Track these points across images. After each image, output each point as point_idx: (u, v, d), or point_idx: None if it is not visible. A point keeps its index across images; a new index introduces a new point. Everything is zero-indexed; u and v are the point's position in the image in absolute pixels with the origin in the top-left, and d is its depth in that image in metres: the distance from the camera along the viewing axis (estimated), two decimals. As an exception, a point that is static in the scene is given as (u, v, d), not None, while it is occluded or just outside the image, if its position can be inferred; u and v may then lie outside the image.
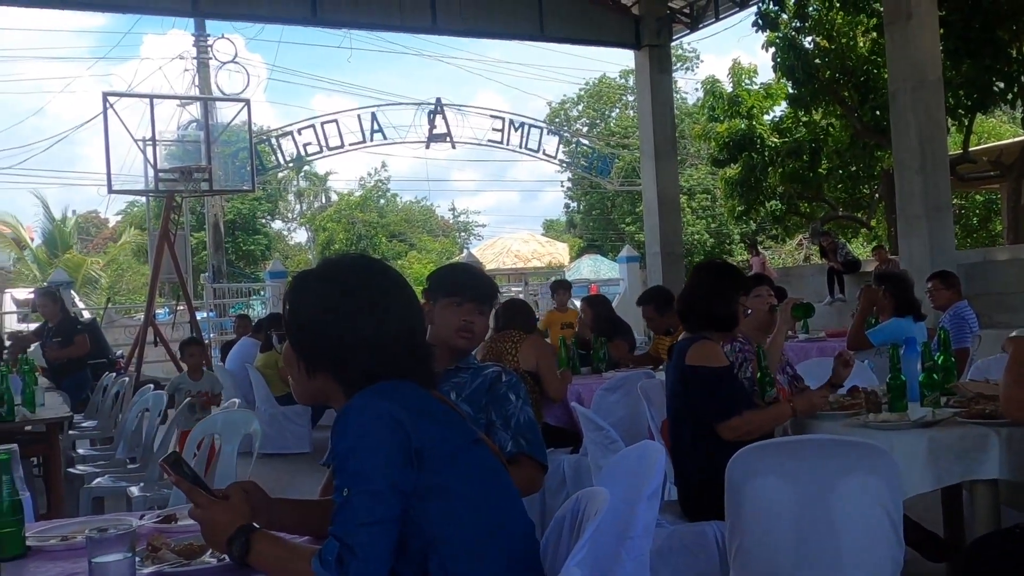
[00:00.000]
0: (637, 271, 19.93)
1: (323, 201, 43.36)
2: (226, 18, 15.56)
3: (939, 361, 3.80)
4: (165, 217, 13.85)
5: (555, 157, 21.14)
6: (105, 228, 39.29)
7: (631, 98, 36.65)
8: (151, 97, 13.96)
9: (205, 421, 4.40)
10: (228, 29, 37.82)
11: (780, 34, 17.05)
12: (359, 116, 19.10)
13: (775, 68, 17.82)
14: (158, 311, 16.55)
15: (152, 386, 6.41)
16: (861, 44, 17.50)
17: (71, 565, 2.01)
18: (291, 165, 22.19)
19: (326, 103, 63.09)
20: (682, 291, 3.76)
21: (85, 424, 7.24)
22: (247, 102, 14.78)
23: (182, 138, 14.39)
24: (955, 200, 19.41)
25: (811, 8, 17.30)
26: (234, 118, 14.66)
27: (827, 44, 17.51)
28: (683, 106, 34.04)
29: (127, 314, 20.77)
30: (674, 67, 19.49)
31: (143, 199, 22.29)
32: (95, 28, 61.51)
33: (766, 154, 20.00)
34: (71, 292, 16.17)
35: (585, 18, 15.07)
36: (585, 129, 38.76)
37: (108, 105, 13.02)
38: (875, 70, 16.99)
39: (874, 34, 16.39)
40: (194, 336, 10.56)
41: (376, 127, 19.05)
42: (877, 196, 22.22)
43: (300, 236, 44.66)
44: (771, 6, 14.70)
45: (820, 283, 15.44)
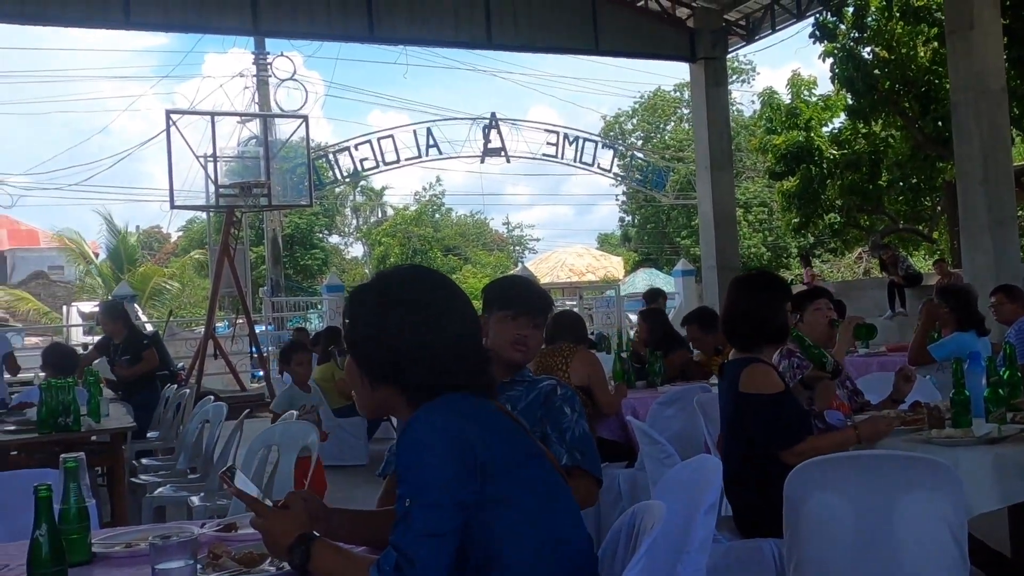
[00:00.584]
0: (693, 285, 19.78)
1: (379, 216, 43.76)
2: (285, 36, 15.82)
3: (1005, 376, 3.71)
4: (225, 232, 14.12)
5: (610, 171, 21.11)
6: (167, 243, 40.08)
7: (686, 111, 36.47)
8: (212, 114, 14.26)
9: (264, 432, 4.46)
10: (287, 47, 38.48)
11: (838, 45, 16.85)
12: (415, 131, 19.29)
13: (833, 79, 17.60)
14: (218, 324, 16.82)
15: (212, 397, 6.51)
16: (922, 54, 17.22)
17: (134, 571, 2.05)
18: (348, 180, 22.46)
19: (382, 119, 63.76)
20: (723, 310, 3.56)
21: (148, 435, 7.38)
22: (305, 118, 15.03)
23: (242, 154, 14.68)
24: (1020, 212, 18.95)
25: (870, 18, 17.08)
26: (292, 134, 14.92)
27: (887, 54, 17.26)
28: (739, 119, 33.79)
29: (188, 327, 21.14)
30: (730, 79, 19.33)
31: (204, 214, 22.75)
32: (158, 47, 63.05)
33: (824, 166, 19.74)
34: (134, 306, 16.51)
35: (640, 31, 15.05)
36: (640, 142, 38.63)
37: (171, 122, 13.34)
38: (936, 80, 16.70)
39: (935, 44, 16.12)
40: (298, 339, 9.68)
41: (431, 142, 19.22)
42: (939, 208, 21.78)
43: (356, 250, 45.16)
44: (829, 17, 14.54)
45: (880, 297, 15.17)
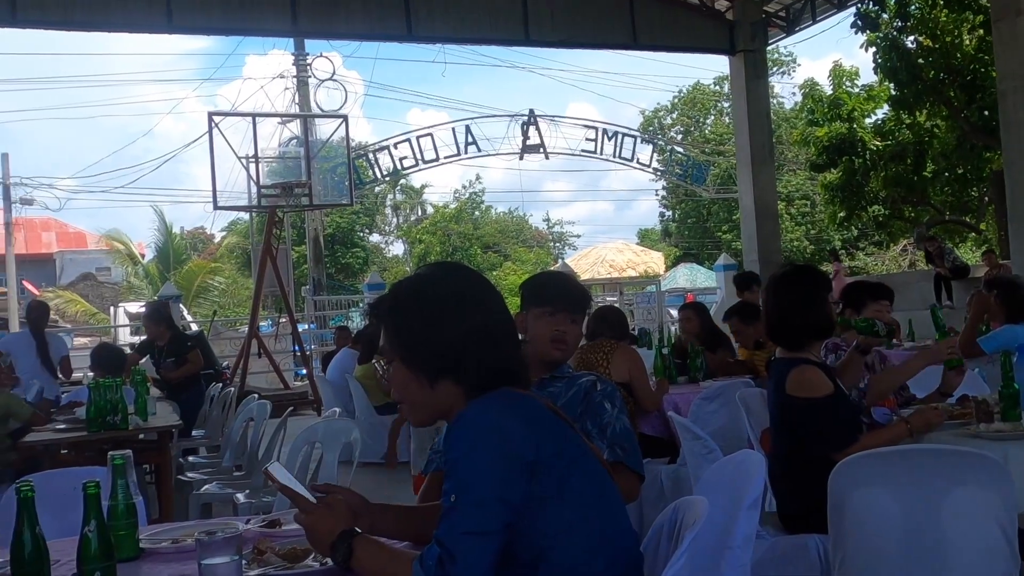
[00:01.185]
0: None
1: (419, 214, 43.97)
2: (325, 37, 15.95)
3: (1055, 369, 3.64)
4: (268, 232, 14.25)
5: (649, 166, 21.01)
6: (211, 243, 40.59)
7: (726, 104, 36.17)
8: (254, 116, 14.39)
9: (307, 430, 4.50)
10: (326, 48, 38.85)
11: (881, 34, 16.60)
12: (453, 129, 19.34)
13: (876, 70, 17.36)
14: (261, 323, 17.00)
15: (256, 396, 6.58)
16: (967, 42, 16.92)
17: (181, 567, 2.08)
18: (388, 179, 22.60)
19: (421, 117, 64.10)
20: (765, 311, 3.48)
21: (193, 433, 7.48)
22: (345, 118, 15.12)
23: (283, 155, 14.81)
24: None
25: (913, 7, 16.82)
26: (332, 134, 15.01)
27: (931, 43, 16.98)
28: (780, 111, 33.48)
29: (232, 327, 21.41)
30: (770, 71, 19.13)
31: (246, 215, 23.01)
32: (200, 51, 63.87)
33: (868, 158, 19.48)
34: (179, 306, 16.74)
35: (678, 25, 14.93)
36: (679, 137, 38.40)
37: (213, 124, 13.48)
38: (982, 68, 16.40)
39: (980, 31, 15.83)
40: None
41: (470, 139, 19.26)
42: (986, 199, 21.40)
43: (397, 249, 45.42)
44: (871, 6, 14.33)
45: (926, 290, 14.94)
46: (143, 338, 9.02)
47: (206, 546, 1.80)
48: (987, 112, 15.93)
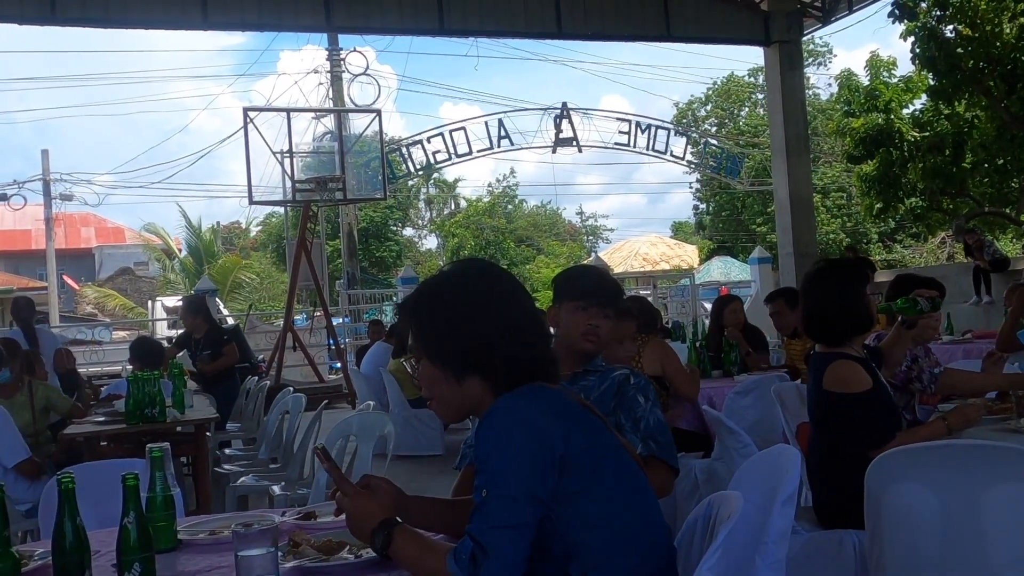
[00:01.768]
0: (769, 273, 19.46)
1: (452, 208, 44.03)
2: (358, 32, 15.99)
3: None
4: (302, 226, 14.36)
5: (683, 158, 20.86)
6: (247, 238, 40.94)
7: (761, 96, 35.85)
8: (288, 111, 14.50)
9: (341, 423, 4.53)
10: (359, 42, 38.86)
11: (919, 24, 16.35)
12: (486, 123, 19.33)
13: (914, 59, 17.11)
14: (296, 317, 17.13)
15: (291, 389, 6.64)
16: (1008, 31, 16.61)
17: (218, 558, 2.11)
18: (421, 173, 22.62)
19: (454, 111, 64.21)
20: (802, 308, 3.42)
21: (229, 426, 7.56)
22: (378, 113, 15.18)
23: (317, 149, 14.90)
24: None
25: (952, -5, 16.54)
26: (366, 129, 15.08)
27: (970, 32, 16.69)
28: (815, 102, 33.09)
29: (267, 320, 21.58)
30: (805, 62, 18.92)
31: (281, 209, 23.17)
32: (235, 47, 64.35)
33: (905, 149, 19.21)
34: (216, 300, 16.92)
35: (712, 16, 14.81)
36: (714, 129, 38.12)
37: (248, 120, 13.60)
38: (1023, 57, 16.11)
39: (1021, 20, 15.55)
40: None
41: (503, 133, 19.23)
42: (1028, 190, 21.04)
43: (430, 243, 45.51)
44: (908, -5, 14.13)
45: (965, 283, 14.72)
46: (182, 331, 9.16)
47: (242, 538, 1.82)
48: (1028, 102, 15.66)
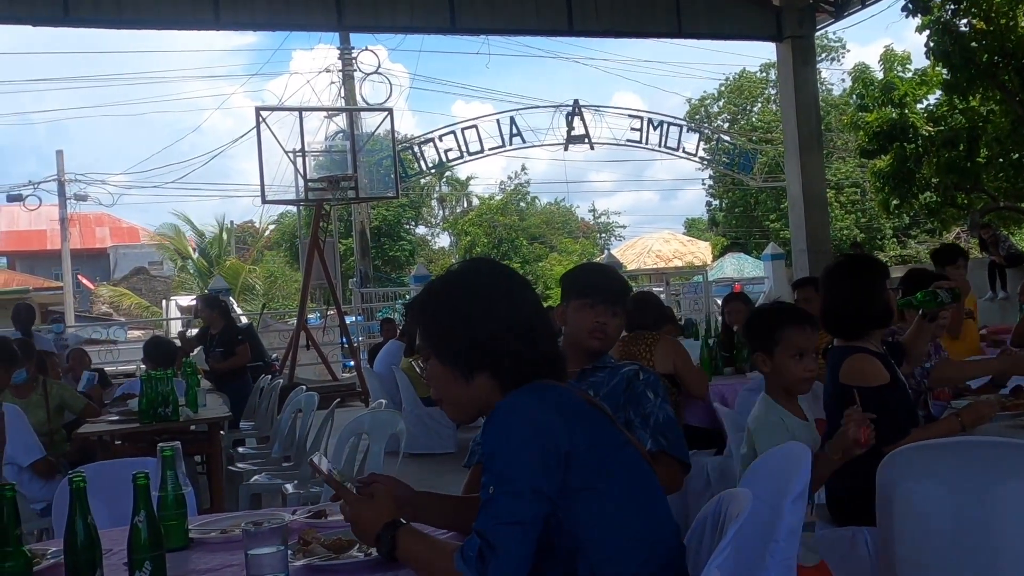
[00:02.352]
0: (783, 269, 19.40)
1: (465, 206, 44.05)
2: (369, 30, 16.00)
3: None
4: (315, 225, 14.40)
5: (695, 155, 20.82)
6: (260, 238, 41.09)
7: (773, 91, 35.72)
8: (300, 110, 14.54)
9: (354, 421, 4.54)
10: (371, 41, 38.94)
11: (933, 17, 16.26)
12: (498, 121, 19.32)
13: (928, 54, 17.01)
14: (310, 316, 17.18)
15: (304, 387, 6.66)
16: (1022, 24, 16.50)
17: (229, 556, 2.12)
18: (433, 171, 22.66)
19: (465, 109, 64.33)
20: (821, 302, 3.42)
21: (242, 425, 7.59)
22: (390, 111, 15.21)
23: (330, 148, 14.93)
24: None
25: (966, -12, 16.44)
26: (378, 127, 15.10)
27: (984, 26, 16.58)
28: (828, 98, 32.96)
29: (281, 319, 21.65)
30: (818, 58, 18.84)
31: (294, 208, 23.23)
32: (247, 47, 64.58)
33: (920, 144, 19.12)
34: (230, 299, 17.00)
35: (723, 12, 14.75)
36: (726, 125, 37.99)
37: (261, 119, 13.64)
38: (1038, 52, 16.00)
39: (1037, 13, 15.44)
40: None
41: (515, 131, 19.22)
42: (1043, 185, 20.89)
43: (443, 241, 45.57)
44: (922, -11, 14.04)
45: (980, 278, 14.64)
46: (201, 328, 9.31)
47: (252, 536, 1.83)
48: (1043, 96, 15.56)
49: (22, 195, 27.95)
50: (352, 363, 15.56)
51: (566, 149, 19.73)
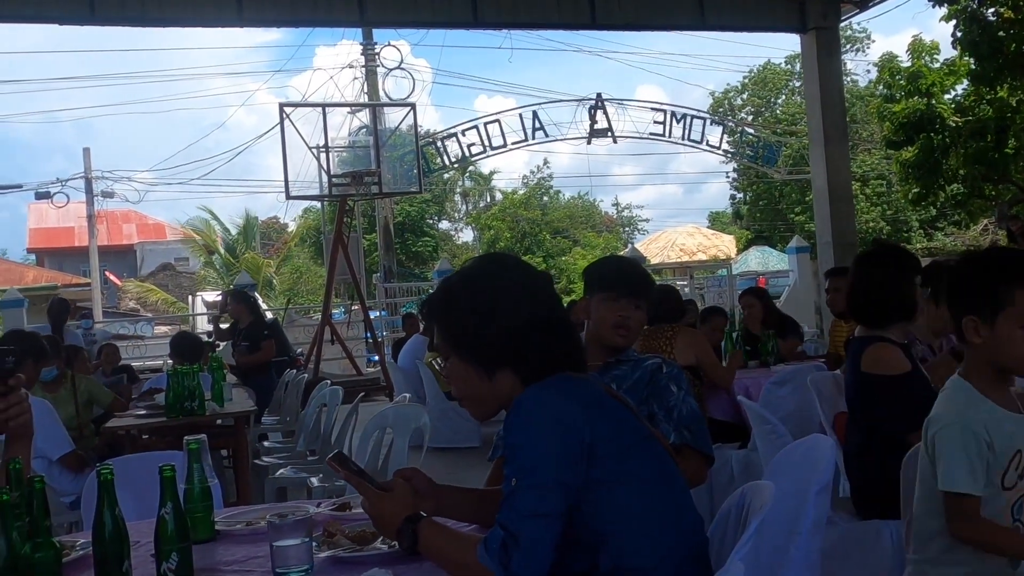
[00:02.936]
0: (808, 262, 19.27)
1: (488, 200, 44.05)
2: (391, 25, 16.06)
3: None
4: (339, 221, 14.45)
5: (719, 147, 20.70)
6: (285, 233, 41.29)
7: (798, 83, 35.46)
8: (324, 106, 14.59)
9: (377, 415, 4.57)
10: (394, 36, 38.98)
11: (959, 7, 16.07)
12: (520, 115, 19.29)
13: (955, 44, 16.82)
14: (334, 311, 17.25)
15: (328, 382, 6.70)
16: (1052, 13, 16.28)
17: (255, 548, 2.13)
18: (456, 166, 22.67)
19: (488, 104, 64.46)
20: (848, 287, 3.41)
21: (266, 420, 7.64)
22: (413, 106, 15.22)
23: (353, 144, 14.97)
24: None
25: (993, -23, 16.24)
26: (401, 122, 15.11)
27: (1012, 15, 16.38)
28: (853, 89, 32.69)
29: (306, 314, 21.76)
30: (843, 49, 18.67)
31: (318, 204, 23.33)
32: (270, 43, 64.84)
33: (947, 135, 18.92)
34: (255, 294, 17.10)
35: (746, 4, 14.63)
36: (750, 117, 37.76)
37: (284, 115, 13.69)
38: (1067, 41, 15.78)
39: (1066, 2, 15.22)
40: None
41: (537, 125, 19.18)
42: (1074, 175, 20.61)
43: (466, 235, 45.56)
44: (949, -22, 13.88)
45: (1009, 270, 14.47)
46: (224, 326, 9.44)
47: (277, 528, 1.85)
48: (1073, 85, 15.35)
49: (50, 192, 28.24)
50: (376, 358, 15.61)
51: (589, 143, 19.68)
